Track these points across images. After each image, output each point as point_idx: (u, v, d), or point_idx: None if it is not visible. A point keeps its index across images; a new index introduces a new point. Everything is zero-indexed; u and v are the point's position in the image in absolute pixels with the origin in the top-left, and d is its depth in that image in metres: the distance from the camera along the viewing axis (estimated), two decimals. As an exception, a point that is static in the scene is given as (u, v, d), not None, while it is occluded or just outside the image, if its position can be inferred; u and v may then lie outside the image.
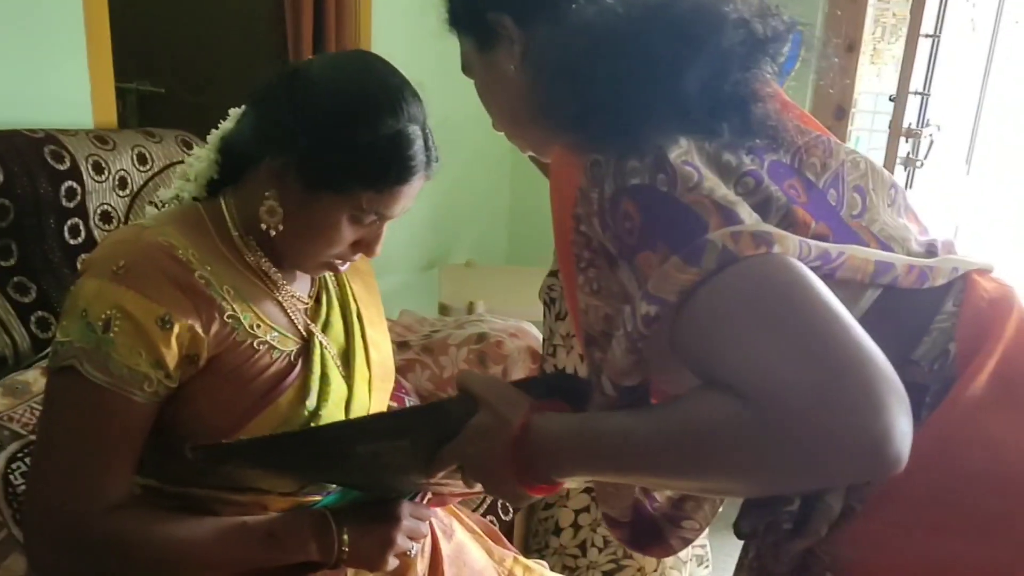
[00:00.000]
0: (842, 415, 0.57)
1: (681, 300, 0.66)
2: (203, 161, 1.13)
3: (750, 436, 0.60)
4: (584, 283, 0.79)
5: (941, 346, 0.75)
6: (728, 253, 0.64)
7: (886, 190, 0.83)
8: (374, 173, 1.02)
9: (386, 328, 1.33)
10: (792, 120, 0.80)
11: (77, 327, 0.96)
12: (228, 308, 1.04)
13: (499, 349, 2.13)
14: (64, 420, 0.98)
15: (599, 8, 0.78)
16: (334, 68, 1.08)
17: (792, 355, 0.59)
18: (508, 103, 0.96)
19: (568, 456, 0.77)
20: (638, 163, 0.71)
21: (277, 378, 1.08)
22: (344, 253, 1.10)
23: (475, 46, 0.95)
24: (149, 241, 1.01)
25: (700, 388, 0.66)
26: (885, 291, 0.75)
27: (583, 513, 2.01)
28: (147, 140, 1.85)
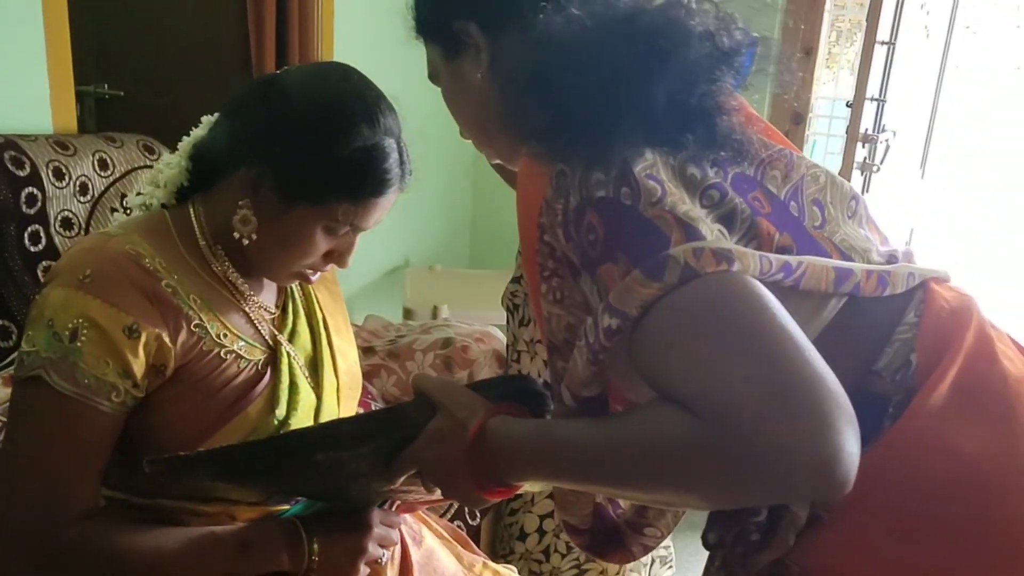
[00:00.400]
0: (790, 435, 0.58)
1: (642, 314, 0.67)
2: (173, 168, 1.11)
3: (699, 452, 0.61)
4: (547, 292, 0.80)
5: (903, 357, 0.77)
6: (689, 269, 0.65)
7: (845, 202, 0.85)
8: (351, 185, 1.03)
9: (352, 336, 1.33)
10: (756, 133, 0.81)
11: (43, 337, 0.96)
12: (195, 317, 1.03)
13: (465, 354, 2.14)
14: (31, 430, 0.97)
15: (566, 19, 0.79)
16: (312, 79, 1.08)
17: (744, 374, 0.60)
18: (475, 111, 0.96)
19: (524, 461, 0.78)
20: (603, 175, 0.72)
21: (245, 387, 1.08)
22: (316, 263, 1.10)
23: (441, 54, 0.95)
24: (115, 249, 1.00)
25: (654, 402, 0.67)
26: (848, 302, 0.77)
27: (547, 519, 2.02)
28: (108, 145, 1.82)
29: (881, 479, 0.71)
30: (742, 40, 0.76)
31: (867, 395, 0.76)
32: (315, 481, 1.01)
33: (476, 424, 0.80)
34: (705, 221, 0.71)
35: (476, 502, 0.84)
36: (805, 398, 0.59)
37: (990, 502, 0.72)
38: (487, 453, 0.79)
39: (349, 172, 1.02)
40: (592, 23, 0.77)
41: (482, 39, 0.89)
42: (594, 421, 0.74)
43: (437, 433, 0.84)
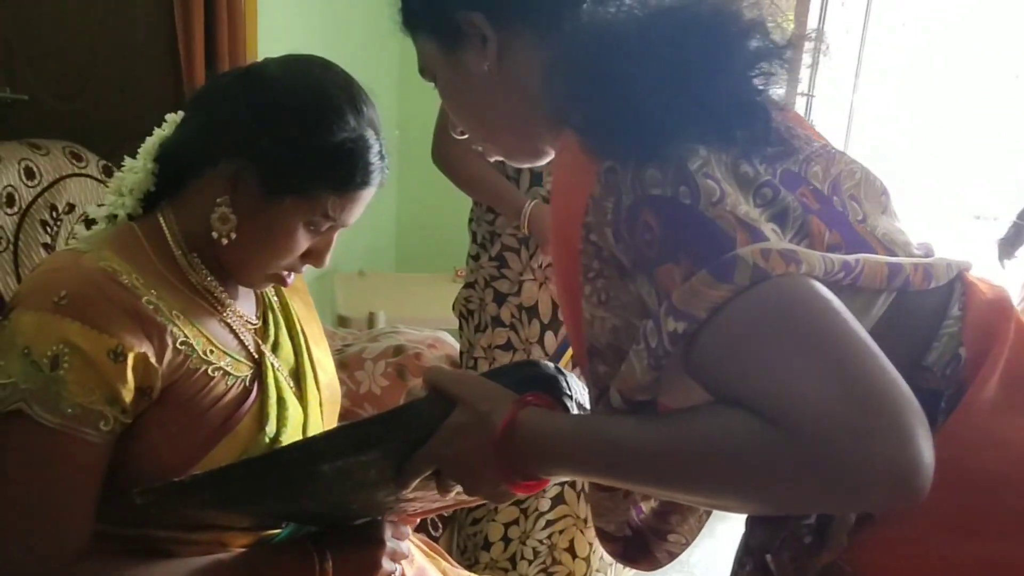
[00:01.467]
0: (873, 444, 0.57)
1: (710, 316, 0.64)
2: (138, 172, 1.05)
3: (777, 459, 0.59)
4: (591, 293, 0.77)
5: (952, 351, 0.76)
6: (760, 270, 0.63)
7: (878, 197, 0.84)
8: (340, 176, 0.99)
9: (327, 347, 1.28)
10: (803, 129, 0.80)
11: (20, 367, 0.88)
12: (180, 334, 0.97)
13: (418, 361, 2.08)
14: (15, 469, 0.89)
15: (616, 8, 0.76)
16: (294, 69, 1.03)
17: (826, 381, 0.59)
18: (478, 106, 0.91)
19: (562, 455, 0.76)
20: (658, 173, 0.69)
21: (233, 405, 1.02)
22: (294, 263, 1.05)
23: (439, 47, 0.89)
24: (89, 267, 0.93)
25: (715, 404, 0.65)
26: (895, 298, 0.76)
27: (512, 526, 1.99)
28: (33, 152, 1.70)
29: (936, 475, 0.71)
30: (791, 34, 0.74)
31: (919, 391, 0.74)
32: (317, 497, 0.94)
33: (506, 416, 0.77)
34: (765, 222, 0.69)
35: (501, 496, 0.81)
36: (884, 407, 0.58)
37: None
38: (518, 446, 0.76)
39: (336, 162, 0.98)
40: (644, 12, 0.74)
41: (490, 29, 0.85)
42: (647, 419, 0.71)
43: (458, 427, 0.80)
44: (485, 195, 1.91)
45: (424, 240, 3.60)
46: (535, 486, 0.81)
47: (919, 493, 0.57)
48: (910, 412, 0.58)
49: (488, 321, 1.94)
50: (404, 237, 3.73)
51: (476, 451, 0.78)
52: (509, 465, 0.77)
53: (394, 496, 0.93)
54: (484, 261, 1.94)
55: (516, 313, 1.91)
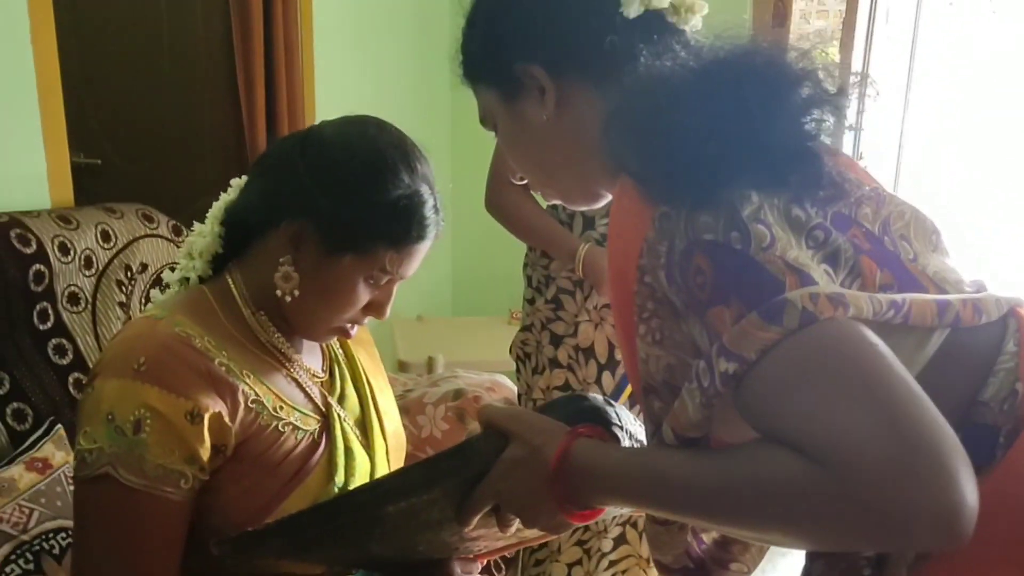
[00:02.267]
0: (919, 487, 0.58)
1: (760, 357, 0.66)
2: (206, 236, 1.11)
3: (822, 498, 0.60)
4: (646, 333, 0.79)
5: (1008, 386, 0.77)
6: (808, 313, 0.65)
7: (928, 236, 0.85)
8: (396, 231, 1.03)
9: (392, 396, 1.32)
10: (854, 174, 0.82)
11: (104, 432, 0.93)
12: (251, 393, 1.02)
13: (477, 404, 2.11)
14: (105, 531, 0.94)
15: (671, 60, 0.79)
16: (349, 131, 1.08)
17: (872, 423, 0.60)
18: (537, 153, 0.95)
19: (613, 487, 0.78)
20: (711, 219, 0.72)
21: (303, 458, 1.06)
22: (356, 316, 1.09)
23: (499, 97, 0.93)
24: (165, 332, 0.98)
25: (763, 442, 0.67)
26: (949, 335, 0.77)
27: (575, 567, 2.00)
28: (108, 216, 1.79)
29: (995, 510, 0.70)
30: (846, 82, 0.77)
31: (976, 426, 0.76)
32: (385, 539, 0.97)
33: (559, 448, 0.80)
34: (814, 266, 0.71)
35: (559, 527, 0.84)
36: (929, 449, 0.59)
37: None
38: (572, 477, 0.79)
39: (392, 219, 1.02)
40: (699, 64, 0.77)
41: (548, 79, 0.88)
42: (698, 454, 0.73)
43: (514, 461, 0.83)
44: (539, 240, 1.95)
45: (479, 284, 3.65)
46: (590, 515, 0.83)
47: (963, 535, 0.58)
48: (954, 454, 0.59)
49: (546, 363, 1.98)
50: (460, 282, 3.78)
51: (532, 483, 0.81)
52: (564, 496, 0.79)
53: (458, 535, 0.95)
54: (540, 304, 1.97)
55: (573, 354, 1.94)
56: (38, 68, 1.77)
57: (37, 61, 1.77)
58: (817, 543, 0.68)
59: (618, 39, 0.86)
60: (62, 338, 1.62)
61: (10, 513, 1.32)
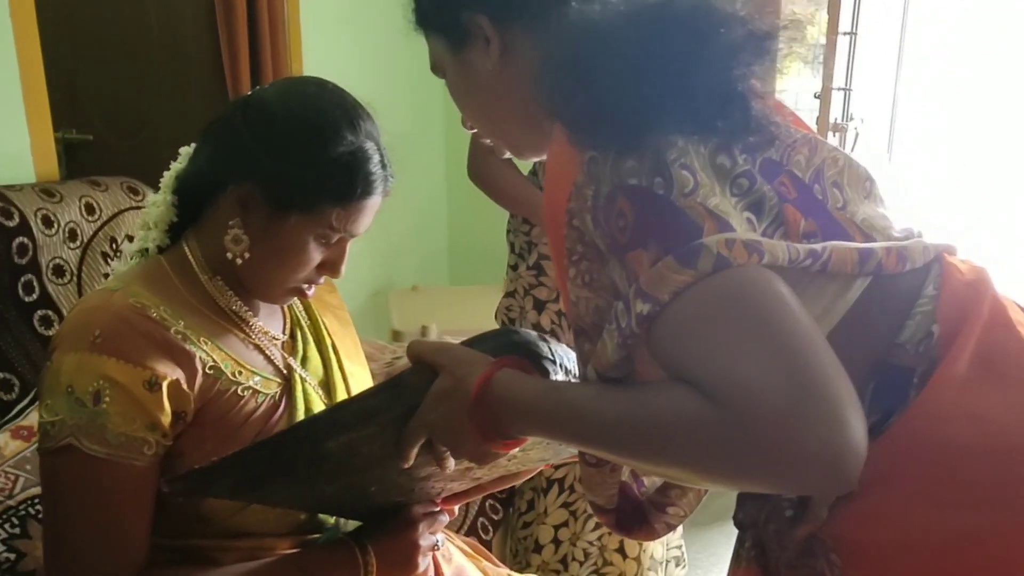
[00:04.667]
0: (806, 430, 0.59)
1: (672, 299, 0.68)
2: (160, 206, 1.11)
3: (715, 436, 0.62)
4: (576, 275, 0.80)
5: (925, 328, 0.78)
6: (722, 259, 0.67)
7: (861, 183, 0.86)
8: (340, 188, 1.03)
9: (363, 359, 1.34)
10: (783, 118, 0.82)
11: (65, 404, 0.95)
12: (209, 359, 1.03)
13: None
14: (72, 500, 0.96)
15: (600, 5, 0.79)
16: (289, 92, 1.09)
17: (767, 367, 0.62)
18: (484, 103, 0.95)
19: (530, 417, 0.79)
20: (636, 164, 0.72)
21: (263, 419, 1.08)
22: (311, 276, 1.10)
23: (447, 46, 0.94)
24: (120, 304, 1.00)
25: (668, 380, 0.68)
26: (872, 280, 0.78)
27: (562, 528, 2.03)
28: (93, 189, 1.81)
29: (910, 449, 0.73)
30: (775, 23, 0.77)
31: (892, 367, 0.78)
32: (332, 476, 0.99)
33: (480, 378, 0.81)
34: (735, 214, 0.72)
35: (484, 456, 0.85)
36: (821, 395, 0.61)
37: (1016, 465, 0.73)
38: (492, 406, 0.80)
39: (337, 176, 1.03)
40: (627, 9, 0.77)
41: (492, 29, 0.89)
42: (607, 389, 0.75)
43: (440, 393, 0.84)
44: (520, 207, 1.97)
45: (475, 253, 3.67)
46: (513, 444, 0.85)
47: (848, 479, 0.60)
48: (845, 402, 0.61)
49: (529, 328, 2.00)
50: (456, 252, 3.80)
51: (456, 414, 0.82)
52: (484, 424, 0.81)
53: (406, 475, 0.97)
54: (523, 271, 1.99)
55: (556, 319, 1.96)
56: (18, 44, 1.79)
57: (17, 37, 1.79)
58: (713, 480, 0.69)
59: None
60: (48, 309, 1.65)
61: (-5, 479, 1.35)
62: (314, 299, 1.27)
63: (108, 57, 2.74)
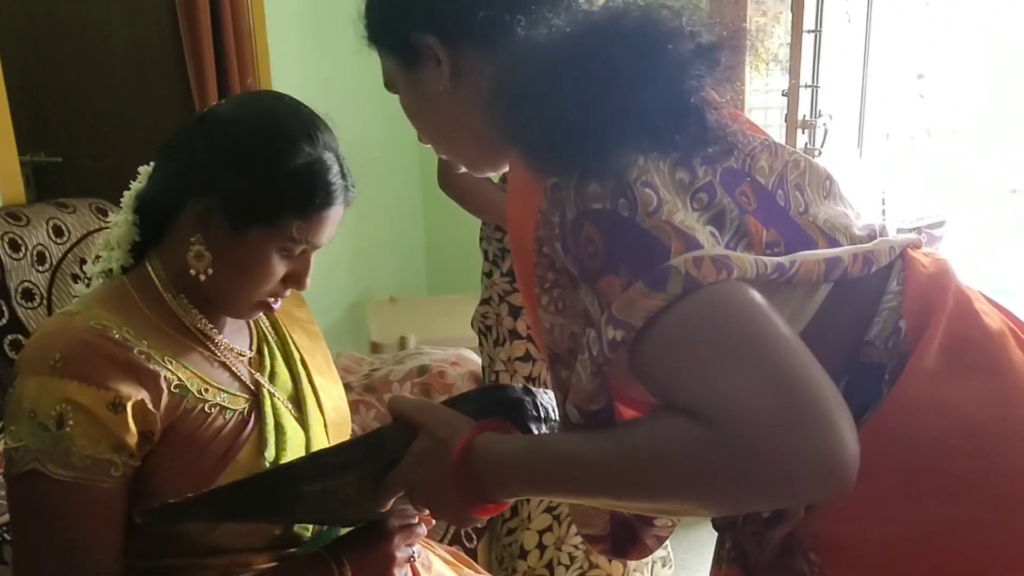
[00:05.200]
0: (800, 438, 0.60)
1: (646, 325, 0.68)
2: (121, 226, 1.10)
3: (711, 458, 0.62)
4: (548, 303, 0.80)
5: (892, 324, 0.79)
6: (691, 279, 0.67)
7: (821, 182, 0.87)
8: (300, 199, 1.03)
9: (335, 374, 1.33)
10: (740, 126, 0.82)
11: (28, 429, 0.94)
12: (173, 378, 1.03)
13: (442, 379, 2.14)
14: (39, 524, 0.96)
15: (547, 28, 0.79)
16: (244, 106, 1.10)
17: (753, 382, 0.62)
18: (437, 121, 0.95)
19: (515, 477, 0.79)
20: (599, 187, 0.72)
21: (232, 436, 1.07)
22: (276, 289, 1.09)
23: (397, 65, 0.93)
24: (80, 327, 0.99)
25: (657, 412, 0.68)
26: (836, 282, 0.79)
27: (547, 533, 2.03)
28: (61, 212, 1.80)
29: (883, 443, 0.73)
30: (721, 35, 0.77)
31: (863, 365, 0.78)
32: (308, 511, 1.01)
33: (461, 443, 0.81)
34: (700, 228, 0.72)
35: (465, 520, 0.85)
36: (810, 403, 0.61)
37: (989, 454, 0.74)
38: (474, 471, 0.80)
39: (295, 188, 1.02)
40: (573, 30, 0.77)
41: (442, 50, 0.89)
42: (594, 433, 0.75)
43: (420, 454, 0.85)
44: (491, 214, 1.97)
45: (453, 263, 3.66)
46: (495, 509, 0.84)
47: (846, 484, 0.61)
48: (834, 407, 0.61)
49: (506, 335, 2.00)
50: (433, 261, 3.79)
51: (437, 476, 0.82)
52: (467, 490, 0.81)
53: (379, 509, 0.98)
54: (497, 278, 1.99)
55: (532, 325, 1.97)
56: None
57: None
58: (716, 506, 0.70)
59: (506, 4, 0.86)
60: (18, 334, 1.64)
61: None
62: (282, 314, 1.27)
63: (75, 79, 2.72)
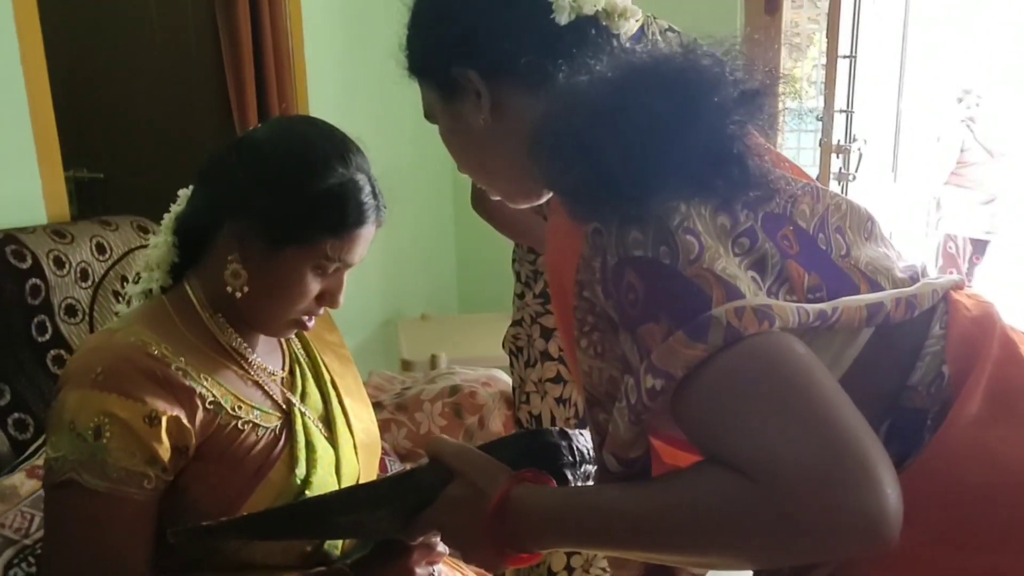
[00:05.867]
0: (845, 494, 0.60)
1: (687, 375, 0.68)
2: (161, 247, 1.15)
3: (754, 513, 0.62)
4: (588, 346, 0.80)
5: (935, 369, 0.78)
6: (732, 330, 0.67)
7: (862, 224, 0.86)
8: (333, 218, 1.06)
9: (365, 397, 1.35)
10: (783, 171, 0.82)
11: (67, 440, 0.97)
12: (208, 395, 1.06)
13: (473, 399, 2.15)
14: (71, 532, 0.98)
15: (588, 73, 0.79)
16: (279, 129, 1.14)
17: (797, 437, 0.62)
18: (475, 153, 0.96)
19: (551, 530, 0.79)
20: (640, 234, 0.72)
21: (264, 453, 1.10)
22: (310, 307, 1.13)
23: (438, 97, 0.94)
24: (121, 343, 1.03)
25: (699, 464, 0.68)
26: (879, 326, 0.78)
27: (575, 555, 2.02)
28: (104, 229, 1.84)
29: (925, 490, 0.72)
30: (765, 80, 0.77)
31: (904, 410, 0.78)
32: (339, 535, 1.05)
33: (498, 494, 0.81)
34: (741, 275, 0.72)
35: (497, 567, 0.85)
36: (853, 457, 0.61)
37: None
38: (510, 523, 0.80)
39: (329, 207, 1.06)
40: (615, 76, 0.77)
41: (482, 85, 0.89)
42: (632, 486, 0.75)
43: (456, 500, 0.85)
44: (524, 236, 1.98)
45: (484, 281, 3.68)
46: (529, 559, 0.84)
47: (890, 538, 0.61)
48: (879, 463, 0.61)
49: (537, 356, 2.01)
50: (465, 279, 3.81)
51: (471, 524, 0.83)
52: (502, 540, 0.81)
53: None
54: (529, 299, 2.00)
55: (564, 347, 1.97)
56: (29, 91, 1.82)
57: (28, 83, 1.82)
58: (757, 559, 0.69)
59: (549, 47, 0.87)
60: (61, 349, 1.67)
61: (12, 519, 1.37)
62: (314, 338, 1.30)
63: (117, 97, 2.79)
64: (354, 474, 1.24)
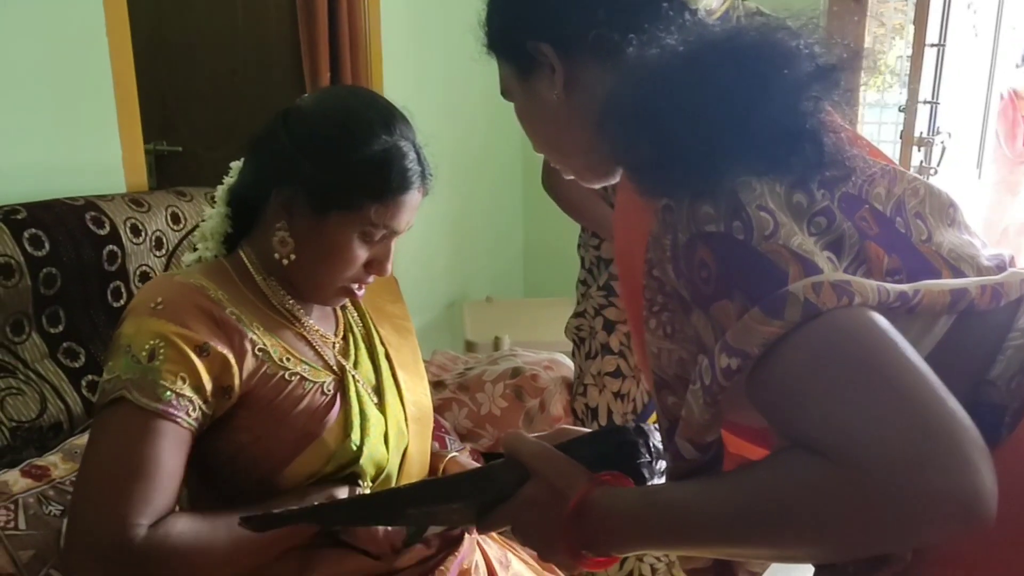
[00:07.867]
0: (939, 476, 0.56)
1: (763, 352, 0.65)
2: (215, 219, 1.19)
3: (844, 499, 0.59)
4: (657, 327, 0.78)
5: (1017, 364, 0.74)
6: (811, 305, 0.64)
7: (944, 210, 0.83)
8: (376, 185, 1.08)
9: (422, 371, 1.36)
10: (860, 150, 0.79)
11: (123, 362, 1.00)
12: (258, 342, 1.08)
13: (534, 382, 2.15)
14: (112, 443, 0.98)
15: (660, 47, 0.77)
16: (325, 98, 1.17)
17: (883, 416, 0.59)
18: (550, 130, 0.95)
19: (630, 533, 0.77)
20: (712, 209, 0.70)
21: (318, 413, 1.11)
22: (358, 274, 1.15)
23: (514, 72, 0.94)
24: (181, 282, 1.07)
25: (781, 452, 0.65)
26: (959, 315, 0.74)
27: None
28: (179, 200, 1.88)
29: (1004, 490, 0.67)
30: (841, 56, 0.74)
31: (981, 405, 0.74)
32: (405, 524, 1.08)
33: (576, 497, 0.79)
34: (818, 252, 0.69)
35: (572, 568, 0.83)
36: (943, 438, 0.57)
37: None
38: (588, 526, 0.78)
39: (373, 173, 1.08)
40: (687, 49, 0.75)
41: (557, 59, 0.89)
42: (710, 481, 0.72)
43: (533, 500, 0.83)
44: (590, 222, 1.97)
45: (550, 265, 3.68)
46: (605, 563, 0.82)
47: (984, 520, 0.57)
48: (969, 441, 0.58)
49: (598, 348, 1.99)
50: (531, 263, 3.82)
51: (547, 525, 0.81)
52: (579, 543, 0.79)
53: None
54: (593, 290, 1.99)
55: (625, 341, 1.95)
56: (114, 62, 1.88)
57: (113, 56, 1.88)
58: (847, 549, 0.65)
59: (622, 20, 0.85)
60: (134, 316, 1.72)
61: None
62: (373, 309, 1.31)
63: (197, 74, 2.85)
64: (403, 446, 1.25)
